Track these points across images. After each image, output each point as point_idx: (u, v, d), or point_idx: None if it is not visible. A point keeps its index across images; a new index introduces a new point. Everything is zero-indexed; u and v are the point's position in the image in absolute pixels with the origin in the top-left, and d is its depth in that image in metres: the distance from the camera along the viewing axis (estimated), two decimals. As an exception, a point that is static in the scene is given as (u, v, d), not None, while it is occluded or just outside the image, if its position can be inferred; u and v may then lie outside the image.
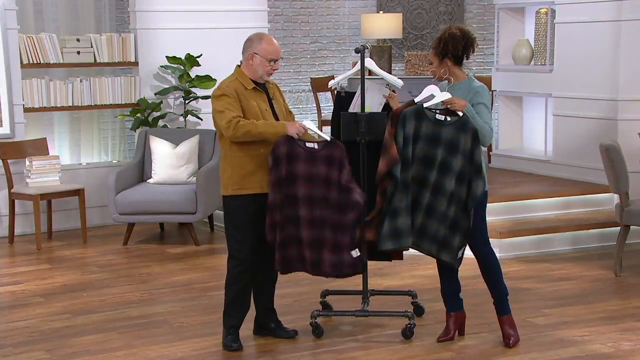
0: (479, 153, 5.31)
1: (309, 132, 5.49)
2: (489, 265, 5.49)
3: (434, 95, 5.37)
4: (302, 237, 5.46)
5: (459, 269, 5.61)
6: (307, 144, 5.43)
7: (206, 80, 8.92)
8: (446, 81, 5.53)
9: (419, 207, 5.37)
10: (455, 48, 5.41)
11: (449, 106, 5.32)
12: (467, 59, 5.50)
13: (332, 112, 6.04)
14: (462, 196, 5.31)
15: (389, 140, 5.35)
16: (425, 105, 5.36)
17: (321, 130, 5.53)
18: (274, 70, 5.49)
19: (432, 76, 5.61)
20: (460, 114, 5.30)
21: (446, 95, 5.33)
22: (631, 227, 7.16)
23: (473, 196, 5.31)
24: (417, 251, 5.50)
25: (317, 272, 5.56)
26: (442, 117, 5.32)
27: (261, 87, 5.53)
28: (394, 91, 5.85)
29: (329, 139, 5.47)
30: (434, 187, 5.33)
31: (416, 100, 5.42)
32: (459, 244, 5.35)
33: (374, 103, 5.82)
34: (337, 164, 5.43)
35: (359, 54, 5.72)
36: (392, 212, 5.36)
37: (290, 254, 5.49)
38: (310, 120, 5.52)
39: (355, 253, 5.45)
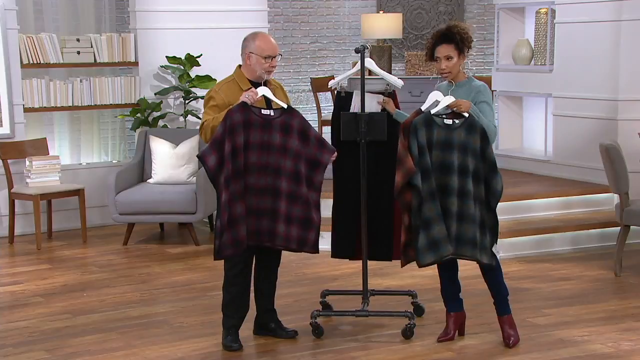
0: (490, 150, 5.29)
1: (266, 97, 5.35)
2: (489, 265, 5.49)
3: (439, 100, 5.34)
4: (258, 208, 5.30)
5: (459, 269, 5.62)
6: (263, 111, 5.30)
7: (206, 80, 8.91)
8: (446, 82, 5.51)
9: (450, 215, 5.31)
10: (471, 41, 5.40)
11: (454, 109, 5.30)
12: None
13: (332, 112, 6.04)
14: (482, 195, 5.30)
15: (403, 152, 5.28)
16: (432, 112, 5.34)
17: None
18: (272, 67, 5.45)
19: (432, 76, 5.60)
20: (466, 115, 5.29)
21: (450, 99, 5.31)
22: (631, 227, 7.16)
23: (494, 193, 5.29)
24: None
25: (273, 244, 5.37)
26: (450, 121, 5.31)
27: (264, 97, 5.48)
28: (391, 93, 5.85)
29: (285, 106, 5.38)
30: (460, 192, 5.29)
31: (422, 108, 5.38)
32: (490, 242, 5.33)
33: (371, 110, 5.82)
34: (296, 134, 5.34)
35: (359, 54, 5.72)
36: (425, 223, 5.29)
37: (240, 233, 5.27)
38: (264, 87, 5.40)
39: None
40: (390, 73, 9.34)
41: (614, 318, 6.08)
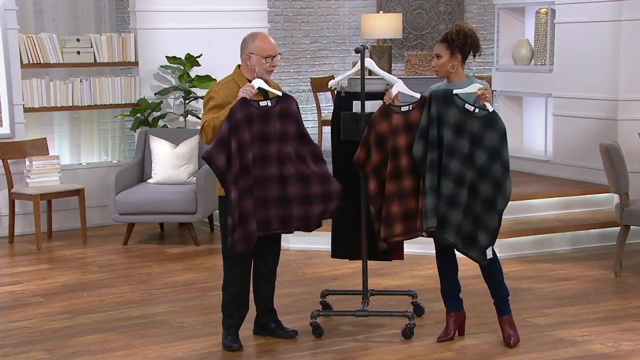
0: (506, 152, 5.25)
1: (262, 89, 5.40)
2: (490, 265, 5.49)
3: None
4: (265, 198, 5.34)
5: (459, 269, 5.62)
6: (261, 103, 5.35)
7: (206, 80, 8.92)
8: (444, 81, 5.51)
9: (441, 197, 5.26)
10: (472, 44, 5.39)
11: (483, 102, 5.24)
12: (472, 57, 5.50)
13: (332, 112, 6.04)
14: (488, 193, 5.24)
15: (362, 141, 5.45)
16: (455, 91, 5.28)
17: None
18: (273, 67, 5.47)
19: (433, 75, 5.60)
20: (491, 109, 5.26)
21: (478, 86, 5.26)
22: (631, 227, 7.16)
23: (503, 196, 5.24)
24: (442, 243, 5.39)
25: (285, 229, 5.44)
26: (471, 108, 5.26)
27: (259, 88, 5.50)
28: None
29: (280, 94, 5.42)
30: (457, 177, 5.24)
31: (456, 91, 5.29)
32: (486, 242, 5.28)
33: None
34: (293, 118, 5.40)
35: (359, 54, 5.72)
36: (424, 193, 5.29)
37: (250, 229, 5.29)
38: (258, 79, 5.41)
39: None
40: (390, 73, 9.35)
41: (614, 318, 6.08)
